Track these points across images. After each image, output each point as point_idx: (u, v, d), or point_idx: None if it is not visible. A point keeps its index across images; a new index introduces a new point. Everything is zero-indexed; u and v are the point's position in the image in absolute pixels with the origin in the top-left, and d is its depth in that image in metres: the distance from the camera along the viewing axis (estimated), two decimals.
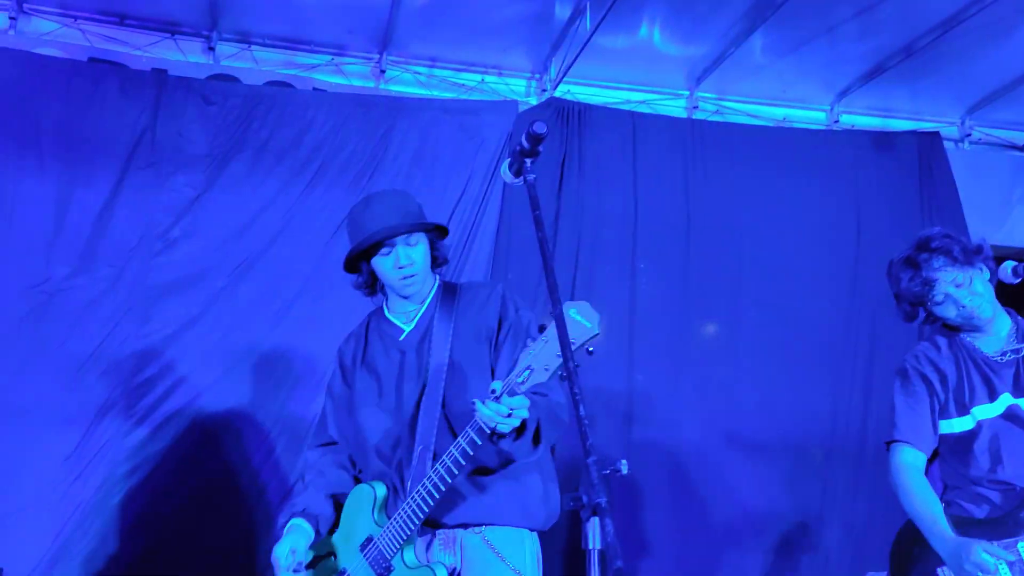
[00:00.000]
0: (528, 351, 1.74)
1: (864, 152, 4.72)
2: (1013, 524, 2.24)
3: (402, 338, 2.17)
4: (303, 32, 4.30)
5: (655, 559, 4.01)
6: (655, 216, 4.42)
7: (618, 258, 4.35)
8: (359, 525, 2.02)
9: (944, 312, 2.42)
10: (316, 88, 4.30)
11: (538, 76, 4.64)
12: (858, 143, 4.75)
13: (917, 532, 2.41)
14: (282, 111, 4.08)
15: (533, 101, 4.58)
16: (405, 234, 2.09)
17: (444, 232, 2.23)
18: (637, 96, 4.70)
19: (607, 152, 4.43)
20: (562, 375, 1.71)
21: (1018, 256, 2.55)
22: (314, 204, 4.02)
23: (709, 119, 4.72)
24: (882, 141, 4.77)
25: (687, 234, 4.44)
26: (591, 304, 1.67)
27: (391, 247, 2.10)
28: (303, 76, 4.32)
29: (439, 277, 2.26)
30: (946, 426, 2.44)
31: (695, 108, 4.74)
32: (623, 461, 1.76)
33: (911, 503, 2.37)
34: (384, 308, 2.25)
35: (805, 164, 4.63)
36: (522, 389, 1.74)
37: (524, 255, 4.13)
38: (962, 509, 2.35)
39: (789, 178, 4.59)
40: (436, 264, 2.23)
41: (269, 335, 3.80)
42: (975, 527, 2.28)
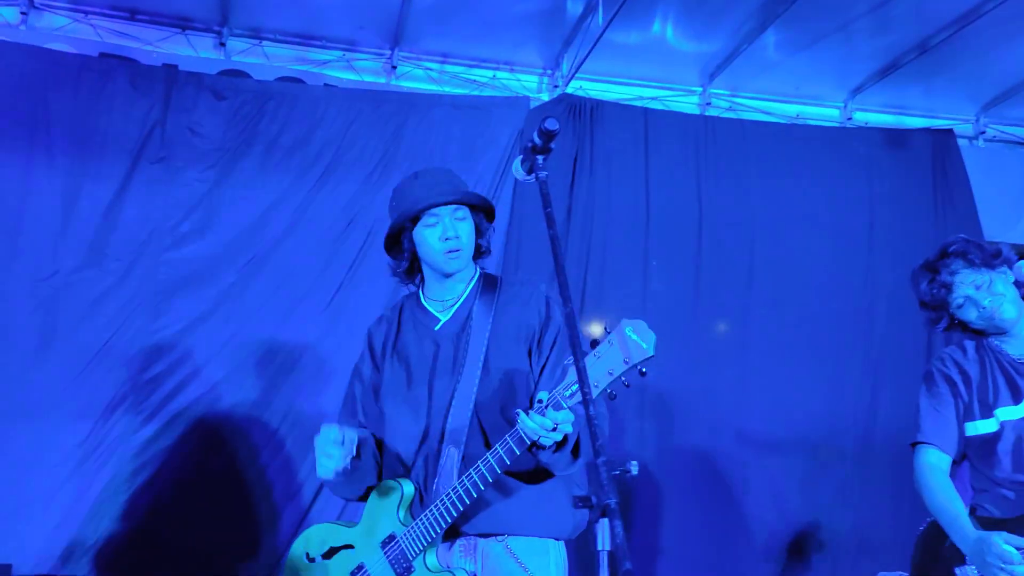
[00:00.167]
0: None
1: (877, 149, 4.69)
2: None
3: (437, 328, 2.08)
4: (314, 28, 4.28)
5: (664, 556, 3.98)
6: (667, 213, 4.39)
7: (630, 255, 4.32)
8: (382, 521, 1.96)
9: (966, 315, 2.43)
10: (327, 84, 4.29)
11: (550, 72, 4.62)
12: (871, 140, 4.72)
13: (939, 533, 2.40)
14: (293, 107, 4.06)
15: (545, 97, 4.56)
16: (454, 204, 2.01)
17: (491, 215, 2.14)
18: (649, 92, 4.68)
19: (619, 148, 4.40)
20: (610, 393, 1.66)
21: None
22: (325, 200, 4.00)
23: (722, 116, 4.69)
24: (895, 138, 4.74)
25: (699, 231, 4.42)
26: (632, 320, 1.64)
27: (437, 217, 2.01)
28: (314, 72, 4.30)
29: (480, 268, 2.16)
30: (971, 428, 2.42)
31: (708, 105, 4.72)
32: (633, 462, 1.73)
33: (934, 502, 2.37)
34: (420, 294, 2.15)
35: (818, 162, 4.60)
36: (569, 404, 1.68)
37: (535, 252, 4.10)
38: (987, 511, 2.34)
39: (802, 176, 4.56)
40: (479, 253, 2.14)
41: (279, 331, 3.78)
42: (999, 527, 2.26)
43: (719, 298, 4.34)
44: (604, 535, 1.27)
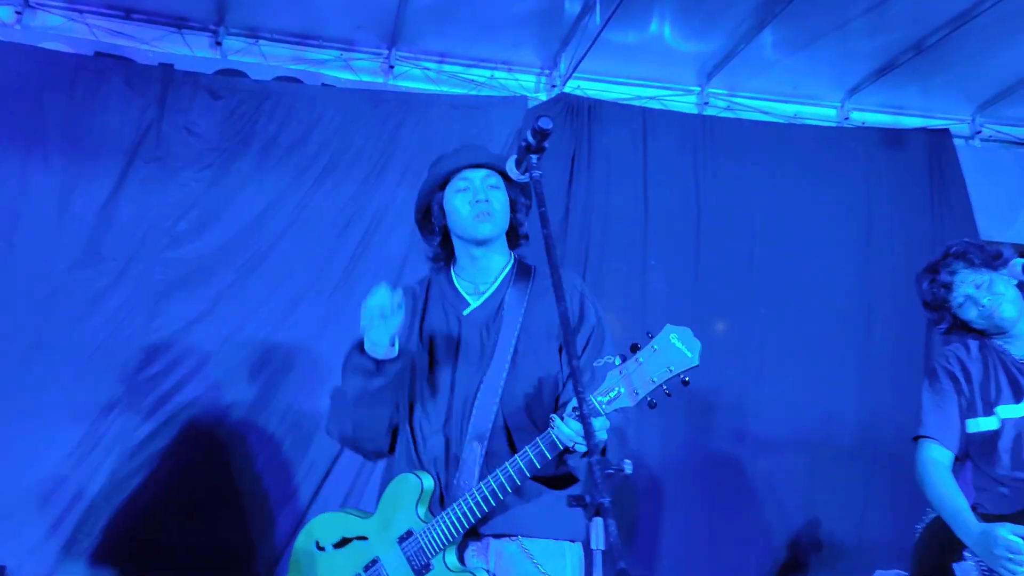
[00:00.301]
0: (617, 371, 1.65)
1: (874, 149, 4.69)
2: None
3: (466, 312, 1.98)
4: (312, 27, 4.27)
5: (663, 554, 3.97)
6: (666, 213, 4.39)
7: (628, 255, 4.32)
8: (400, 516, 1.89)
9: (966, 314, 2.46)
10: (325, 84, 4.27)
11: (548, 72, 4.61)
12: (868, 140, 4.73)
13: (937, 530, 2.41)
14: (290, 106, 4.05)
15: (543, 97, 4.55)
16: (485, 170, 1.92)
17: (528, 192, 2.02)
18: (648, 92, 4.67)
19: (617, 148, 4.40)
20: (634, 410, 1.62)
21: None
22: (322, 200, 3.99)
23: (720, 115, 4.69)
24: (892, 138, 4.74)
25: (697, 231, 4.41)
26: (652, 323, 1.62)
27: (468, 182, 1.95)
28: (312, 72, 4.29)
29: (515, 255, 2.06)
30: (972, 425, 2.45)
31: (706, 104, 4.71)
32: (627, 461, 1.72)
33: (936, 496, 2.39)
34: (452, 272, 2.04)
35: (815, 161, 4.60)
36: (606, 411, 1.65)
37: (532, 252, 4.09)
38: (986, 509, 2.36)
39: (799, 175, 4.56)
40: (515, 237, 2.06)
41: (276, 332, 3.77)
42: (996, 520, 2.28)
43: (718, 297, 4.33)
44: (598, 534, 1.27)
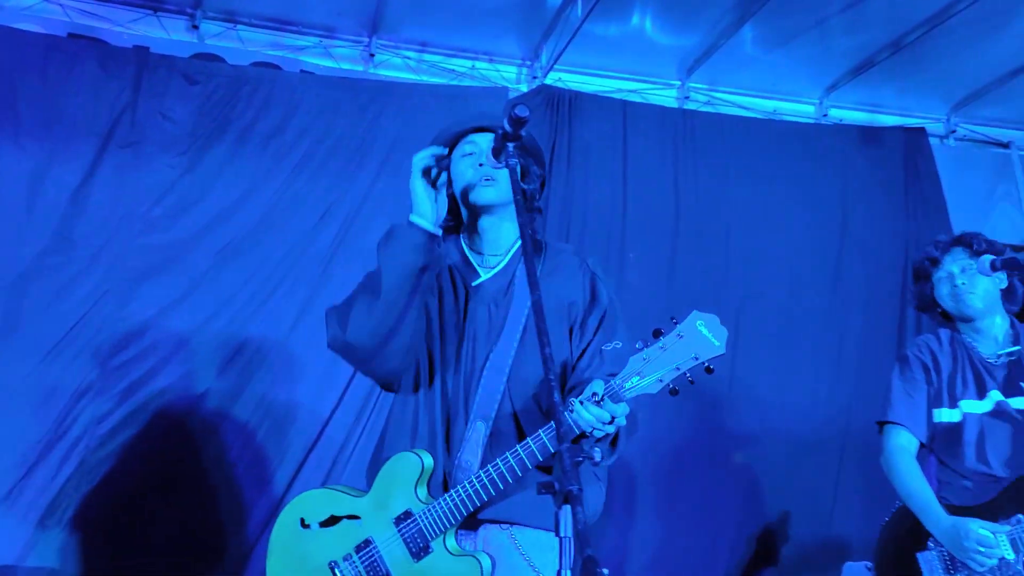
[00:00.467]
0: (639, 356, 1.63)
1: (851, 146, 4.74)
2: (993, 511, 2.31)
3: (475, 283, 1.92)
4: (291, 13, 4.21)
5: (635, 546, 3.99)
6: (644, 205, 4.40)
7: (606, 247, 4.32)
8: (397, 495, 1.81)
9: (940, 290, 2.54)
10: (304, 70, 4.22)
11: (529, 63, 4.60)
12: (846, 137, 4.77)
13: (901, 521, 2.46)
14: (268, 93, 4.00)
15: (524, 88, 4.54)
16: (493, 133, 1.79)
17: (540, 160, 1.97)
18: (628, 85, 4.67)
19: (597, 141, 4.40)
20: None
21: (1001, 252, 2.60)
22: (300, 189, 3.95)
23: (700, 110, 4.70)
24: (869, 136, 4.80)
25: (676, 224, 4.43)
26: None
27: (474, 145, 1.89)
28: (290, 58, 4.24)
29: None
30: (937, 415, 2.52)
31: (686, 98, 4.72)
32: (596, 449, 1.72)
33: (905, 486, 2.44)
34: (462, 240, 1.98)
35: (793, 157, 4.63)
36: (627, 396, 1.63)
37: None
38: (948, 501, 2.40)
39: (777, 171, 4.59)
40: (526, 209, 1.97)
41: (251, 321, 3.73)
42: (958, 514, 2.33)
43: (694, 290, 4.34)
44: (567, 522, 1.25)
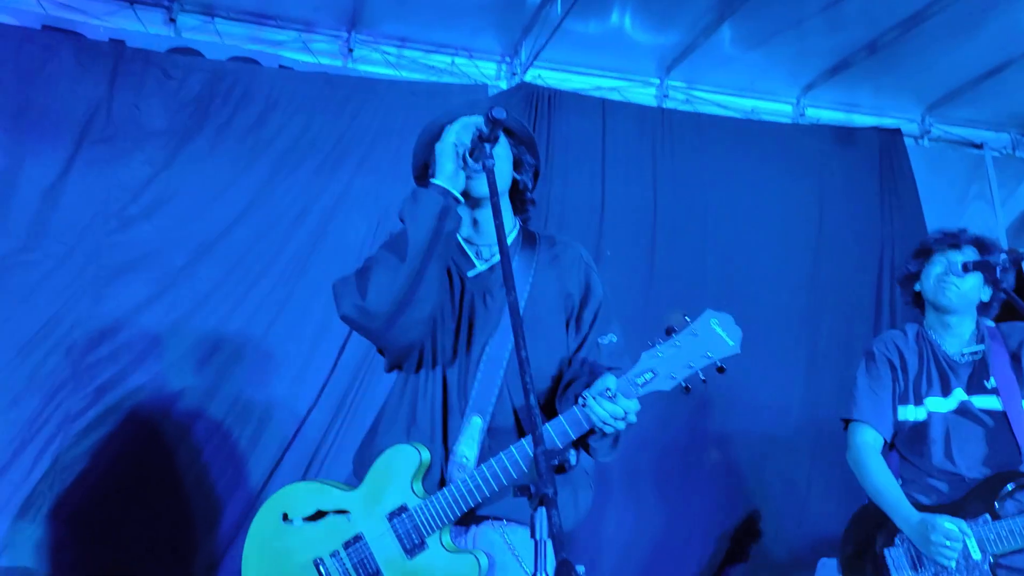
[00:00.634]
0: (652, 352, 1.64)
1: (828, 146, 4.78)
2: (959, 511, 2.35)
3: (471, 274, 1.90)
4: (269, 7, 4.16)
5: (606, 545, 4.00)
6: (622, 204, 4.41)
7: (584, 244, 4.29)
8: (392, 490, 1.76)
9: (929, 271, 2.55)
10: (282, 65, 4.19)
11: (509, 60, 4.59)
12: (822, 137, 4.81)
13: (868, 516, 2.51)
14: (246, 88, 3.95)
15: (503, 85, 4.53)
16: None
17: (533, 150, 1.95)
18: (608, 83, 4.68)
19: (576, 138, 4.41)
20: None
21: None
22: (278, 185, 3.91)
23: (679, 108, 4.72)
24: (845, 136, 4.84)
25: (653, 222, 4.45)
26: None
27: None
28: (269, 52, 4.19)
29: (520, 221, 1.99)
30: (901, 412, 2.55)
31: (665, 97, 4.74)
32: (572, 451, 1.74)
33: (873, 483, 2.46)
34: (457, 233, 1.92)
35: (771, 156, 4.67)
36: (640, 392, 1.64)
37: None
38: (913, 500, 2.43)
39: (755, 170, 4.62)
40: (521, 202, 1.97)
41: (227, 319, 3.71)
42: (926, 511, 2.37)
43: (672, 288, 4.38)
44: (541, 524, 1.27)
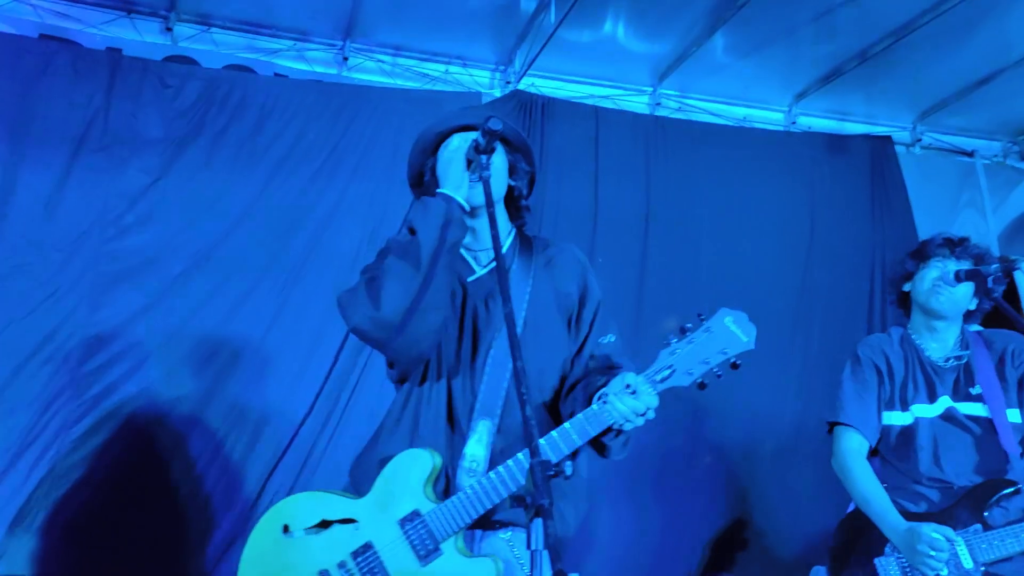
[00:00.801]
0: (670, 349, 1.67)
1: (819, 154, 4.82)
2: (949, 519, 2.34)
3: (470, 279, 1.90)
4: (265, 16, 4.20)
5: (590, 554, 3.99)
6: (615, 211, 4.44)
7: None
8: (404, 496, 1.72)
9: (925, 275, 2.53)
10: (277, 74, 4.22)
11: (502, 68, 4.62)
12: (813, 145, 4.85)
13: (857, 523, 2.49)
14: (242, 96, 3.99)
15: (497, 93, 4.56)
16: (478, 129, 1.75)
17: (529, 158, 1.96)
18: (601, 91, 4.71)
19: (570, 146, 4.44)
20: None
21: None
22: (273, 193, 3.95)
23: (671, 116, 4.75)
24: (836, 144, 4.88)
25: (646, 230, 4.48)
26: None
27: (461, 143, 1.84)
28: (264, 61, 4.23)
29: (515, 226, 2.01)
30: (886, 417, 2.53)
31: (658, 105, 4.77)
32: (568, 463, 1.78)
33: (861, 491, 2.44)
34: None
35: (763, 164, 4.70)
36: (659, 388, 1.66)
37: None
38: (901, 507, 2.42)
39: (747, 177, 4.65)
40: (516, 211, 1.98)
41: (223, 326, 3.73)
42: (914, 520, 2.36)
43: (663, 296, 4.40)
44: (537, 535, 1.29)
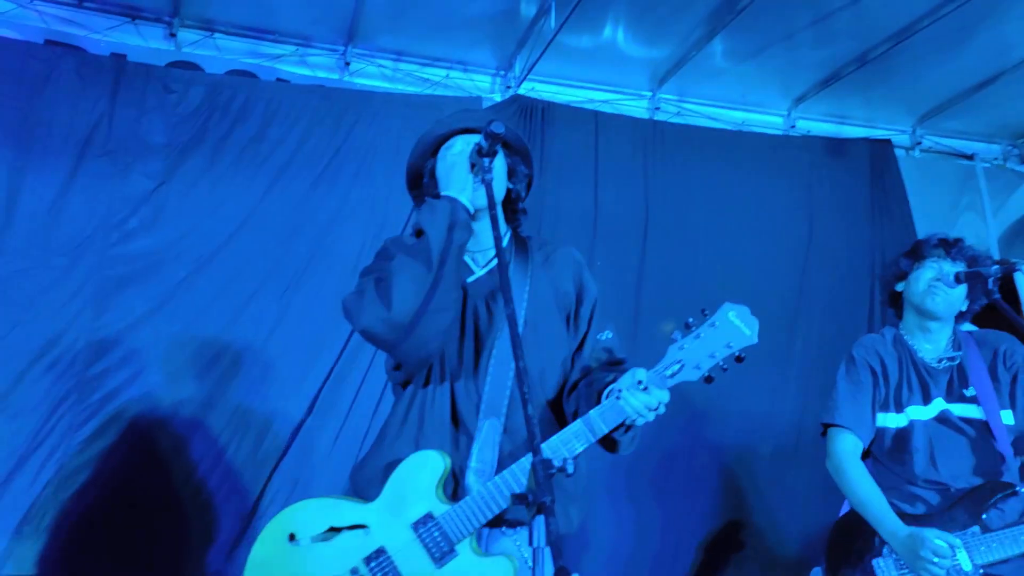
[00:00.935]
0: (678, 345, 1.71)
1: (818, 157, 4.83)
2: (947, 522, 2.34)
3: (470, 280, 1.91)
4: (268, 21, 4.24)
5: (586, 554, 4.01)
6: (614, 215, 4.47)
7: None
8: (415, 499, 1.71)
9: (920, 275, 2.52)
10: (280, 79, 4.26)
11: (503, 73, 4.65)
12: (812, 149, 4.86)
13: (853, 524, 2.48)
14: (245, 102, 4.02)
15: (497, 98, 4.59)
16: (480, 134, 1.75)
17: (528, 160, 1.98)
18: (600, 96, 4.74)
19: (569, 150, 4.46)
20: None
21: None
22: (276, 198, 3.97)
23: (670, 121, 4.77)
24: (835, 147, 4.89)
25: (645, 234, 4.50)
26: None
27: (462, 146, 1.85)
28: (267, 66, 4.26)
29: (511, 227, 2.02)
30: (881, 419, 2.53)
31: (657, 109, 4.80)
32: (569, 461, 1.81)
33: (858, 493, 2.43)
34: None
35: (762, 168, 4.72)
36: (670, 383, 1.70)
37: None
38: (897, 508, 2.41)
39: (746, 181, 4.67)
40: (513, 213, 2.00)
41: (226, 331, 3.76)
42: (911, 523, 2.36)
43: (662, 300, 4.42)
44: (540, 532, 1.30)
